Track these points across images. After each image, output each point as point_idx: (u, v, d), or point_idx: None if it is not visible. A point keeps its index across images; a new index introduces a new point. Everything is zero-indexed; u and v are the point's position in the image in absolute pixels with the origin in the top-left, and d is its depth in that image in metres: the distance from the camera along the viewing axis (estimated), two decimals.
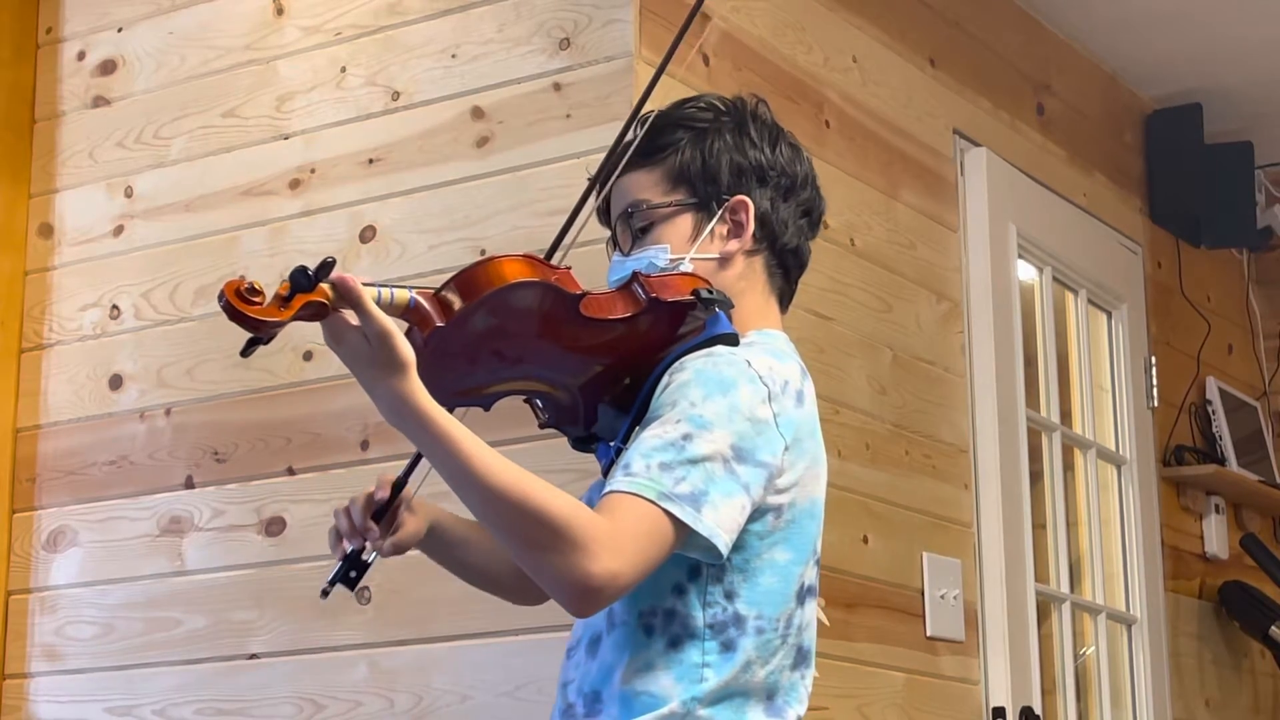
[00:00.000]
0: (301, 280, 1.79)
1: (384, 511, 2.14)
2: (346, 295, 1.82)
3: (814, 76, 3.55)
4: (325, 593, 2.15)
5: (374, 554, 2.16)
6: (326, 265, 1.80)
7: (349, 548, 2.14)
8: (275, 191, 3.42)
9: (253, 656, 3.28)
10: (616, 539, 1.88)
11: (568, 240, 2.16)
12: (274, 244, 3.40)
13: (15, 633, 3.55)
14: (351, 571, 2.14)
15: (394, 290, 1.87)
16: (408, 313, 1.89)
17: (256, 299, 1.77)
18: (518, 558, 1.92)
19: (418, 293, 1.90)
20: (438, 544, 2.30)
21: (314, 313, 1.81)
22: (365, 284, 1.84)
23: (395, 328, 1.84)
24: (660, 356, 2.05)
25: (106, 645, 3.44)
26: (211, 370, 3.43)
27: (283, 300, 1.78)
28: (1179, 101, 4.90)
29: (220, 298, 1.76)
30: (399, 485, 2.17)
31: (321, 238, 3.34)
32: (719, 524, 1.94)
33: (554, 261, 2.06)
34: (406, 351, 1.84)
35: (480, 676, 3.04)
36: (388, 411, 1.87)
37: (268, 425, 3.34)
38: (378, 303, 1.84)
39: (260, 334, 1.79)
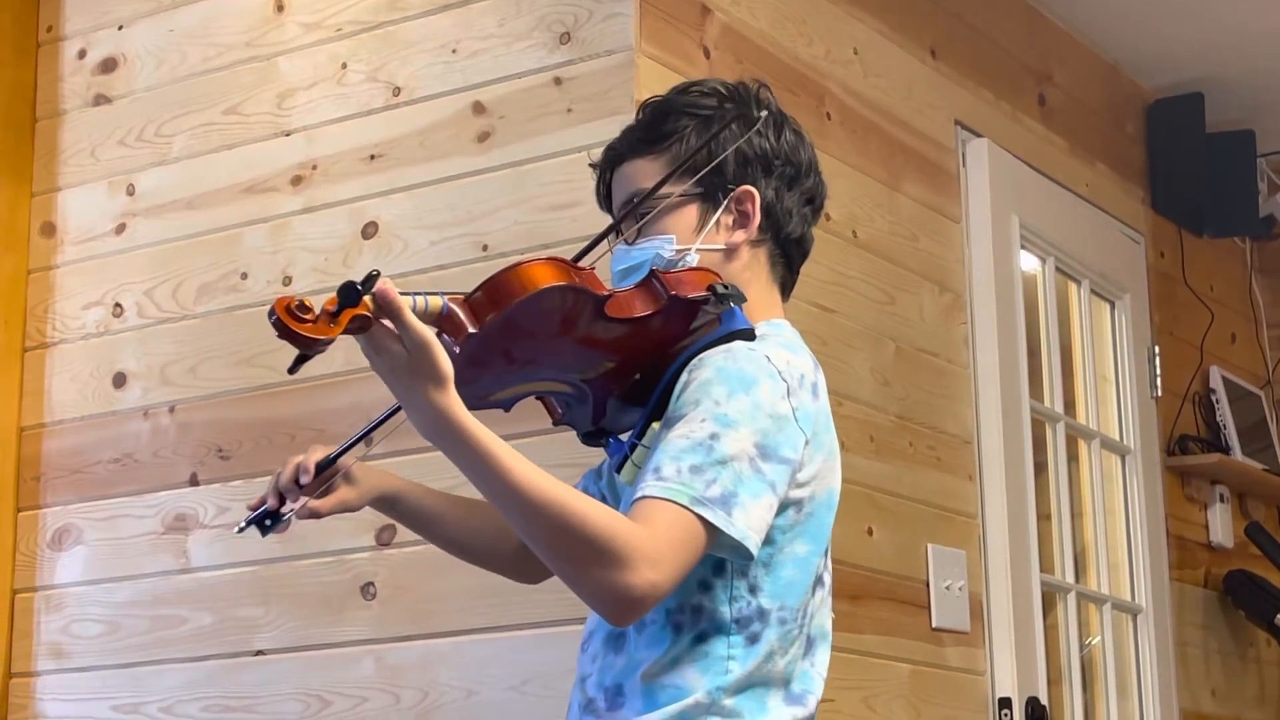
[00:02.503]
0: (350, 294, 1.77)
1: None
2: (386, 305, 1.80)
3: (815, 69, 3.55)
4: (241, 529, 2.24)
5: (290, 512, 2.22)
6: (372, 278, 1.78)
7: (269, 502, 2.22)
8: (277, 188, 3.42)
9: (258, 653, 3.28)
10: (656, 549, 1.88)
11: (598, 251, 2.16)
12: (276, 241, 3.40)
13: (21, 631, 3.55)
14: (267, 520, 2.22)
15: (428, 298, 1.86)
16: (440, 320, 1.88)
17: (308, 316, 1.75)
18: (556, 570, 1.91)
19: (449, 299, 1.88)
20: (402, 517, 2.37)
21: (359, 326, 1.79)
22: (401, 294, 1.82)
23: (434, 338, 1.83)
24: (674, 352, 2.05)
25: (112, 643, 3.45)
26: (215, 368, 3.43)
27: (331, 316, 1.77)
28: (1180, 90, 4.90)
29: (271, 314, 1.74)
30: (326, 462, 2.22)
31: (324, 234, 3.34)
32: (749, 525, 1.94)
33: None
34: (446, 363, 1.82)
35: (486, 672, 3.04)
36: (426, 425, 1.85)
37: (272, 422, 3.34)
38: (413, 311, 1.83)
39: (311, 351, 1.78)
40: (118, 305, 3.58)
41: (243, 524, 2.23)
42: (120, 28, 3.70)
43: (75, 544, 3.53)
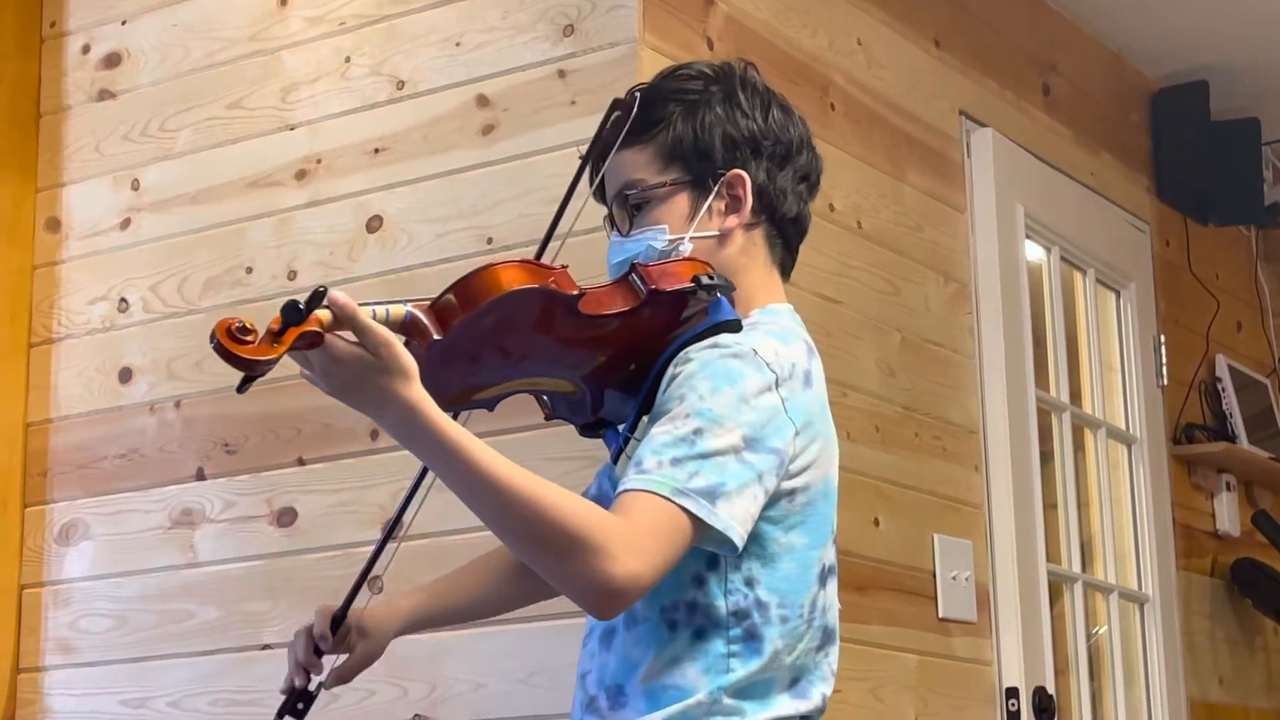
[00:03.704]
0: (292, 314, 1.76)
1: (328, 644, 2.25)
2: (343, 315, 1.77)
3: (818, 60, 3.55)
4: None
5: (319, 685, 2.23)
6: (318, 295, 1.77)
7: (297, 683, 2.21)
8: (281, 182, 3.42)
9: (265, 647, 3.28)
10: (635, 539, 1.85)
11: (563, 229, 2.15)
12: (281, 235, 3.40)
13: (29, 626, 3.55)
14: (299, 704, 2.22)
15: (388, 307, 1.84)
16: (404, 327, 1.86)
17: (248, 338, 1.74)
18: (535, 565, 1.89)
19: (413, 305, 1.87)
20: (428, 626, 2.41)
21: (309, 342, 1.78)
22: (361, 304, 1.80)
23: (395, 338, 1.81)
24: (666, 341, 2.03)
25: (120, 638, 3.45)
26: (220, 362, 3.41)
27: (275, 335, 1.76)
28: (1185, 79, 4.89)
29: (212, 338, 1.74)
30: (338, 619, 2.24)
31: (328, 228, 3.34)
32: (733, 517, 1.92)
33: (554, 246, 2.04)
34: (410, 359, 1.81)
35: (493, 664, 3.04)
36: (398, 423, 1.82)
37: (277, 416, 3.34)
38: (373, 320, 1.82)
39: (254, 372, 1.77)
40: (123, 300, 3.58)
41: (277, 716, 2.22)
42: (124, 23, 3.70)
43: (82, 539, 3.54)
